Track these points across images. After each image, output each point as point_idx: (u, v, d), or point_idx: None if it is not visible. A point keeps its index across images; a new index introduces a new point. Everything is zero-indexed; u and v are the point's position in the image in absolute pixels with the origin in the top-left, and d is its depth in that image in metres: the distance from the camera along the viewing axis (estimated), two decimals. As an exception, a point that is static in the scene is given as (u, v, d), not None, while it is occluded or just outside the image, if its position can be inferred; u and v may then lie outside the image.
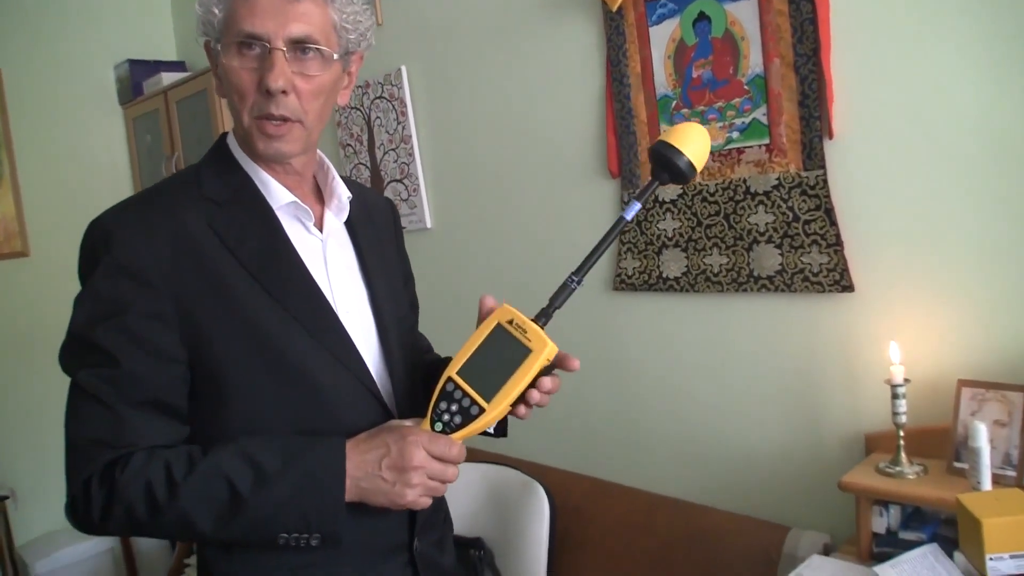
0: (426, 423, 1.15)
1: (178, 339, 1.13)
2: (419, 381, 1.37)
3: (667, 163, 1.17)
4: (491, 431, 1.16)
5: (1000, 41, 1.62)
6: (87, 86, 3.83)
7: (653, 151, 1.19)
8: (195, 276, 1.14)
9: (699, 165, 1.18)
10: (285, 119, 1.18)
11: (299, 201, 1.24)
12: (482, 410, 1.11)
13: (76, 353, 1.13)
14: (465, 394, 1.13)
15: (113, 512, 1.08)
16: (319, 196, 1.33)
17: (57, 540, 3.51)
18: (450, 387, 1.14)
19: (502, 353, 1.12)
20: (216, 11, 1.17)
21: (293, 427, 1.16)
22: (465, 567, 2.25)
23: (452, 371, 1.14)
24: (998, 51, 1.62)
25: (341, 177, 1.34)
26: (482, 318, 1.22)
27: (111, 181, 3.89)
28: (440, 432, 1.13)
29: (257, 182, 1.23)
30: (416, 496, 1.13)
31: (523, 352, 1.11)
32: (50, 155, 3.70)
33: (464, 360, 1.15)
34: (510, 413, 1.13)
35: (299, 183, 1.28)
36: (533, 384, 1.11)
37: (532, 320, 1.14)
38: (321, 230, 1.29)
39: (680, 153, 1.16)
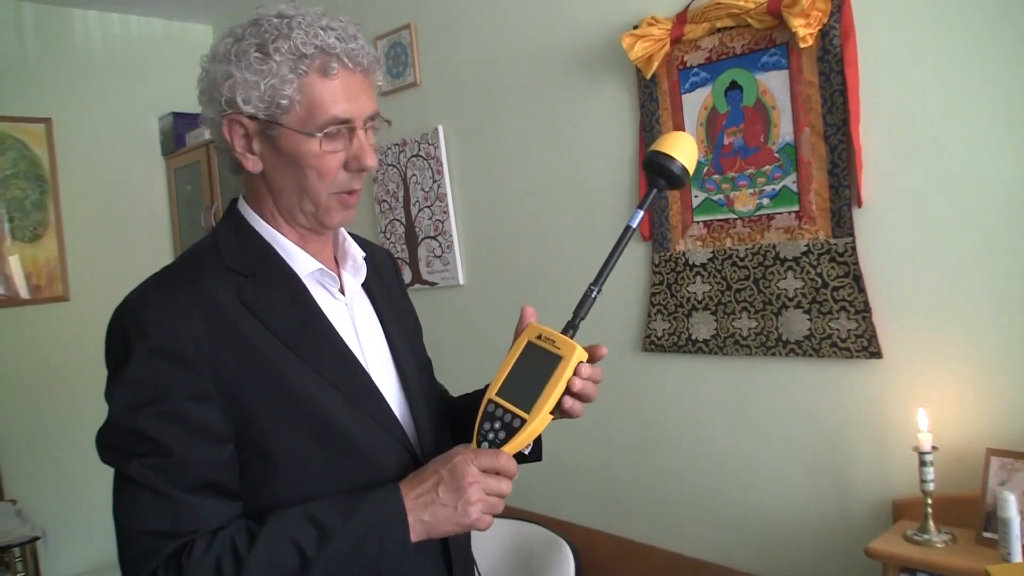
0: (472, 446, 1.16)
1: (223, 417, 1.11)
2: (446, 426, 1.40)
3: (662, 170, 1.21)
4: (526, 452, 1.18)
5: (1027, 116, 1.65)
6: (132, 136, 3.95)
7: (647, 161, 1.23)
8: (233, 351, 1.11)
9: (691, 169, 1.21)
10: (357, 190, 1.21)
11: (325, 268, 1.24)
12: (523, 421, 1.12)
13: (122, 445, 1.09)
14: (506, 411, 1.15)
15: None
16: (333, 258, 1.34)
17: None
18: (491, 408, 1.16)
19: (536, 366, 1.15)
20: (287, 92, 1.13)
21: (341, 491, 1.15)
22: (489, 623, 2.24)
23: (491, 393, 1.16)
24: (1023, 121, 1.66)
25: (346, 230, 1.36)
26: (521, 329, 1.25)
27: (151, 229, 3.99)
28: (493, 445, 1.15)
29: (279, 250, 1.22)
30: (479, 513, 1.12)
31: (555, 360, 1.14)
32: (94, 202, 3.80)
33: (501, 381, 1.17)
34: (563, 415, 1.15)
35: (322, 249, 1.29)
36: (565, 392, 1.13)
37: (560, 333, 1.16)
38: (343, 293, 1.30)
39: (672, 159, 1.19)
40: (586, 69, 2.43)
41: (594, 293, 1.20)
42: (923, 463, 1.68)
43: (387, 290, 1.42)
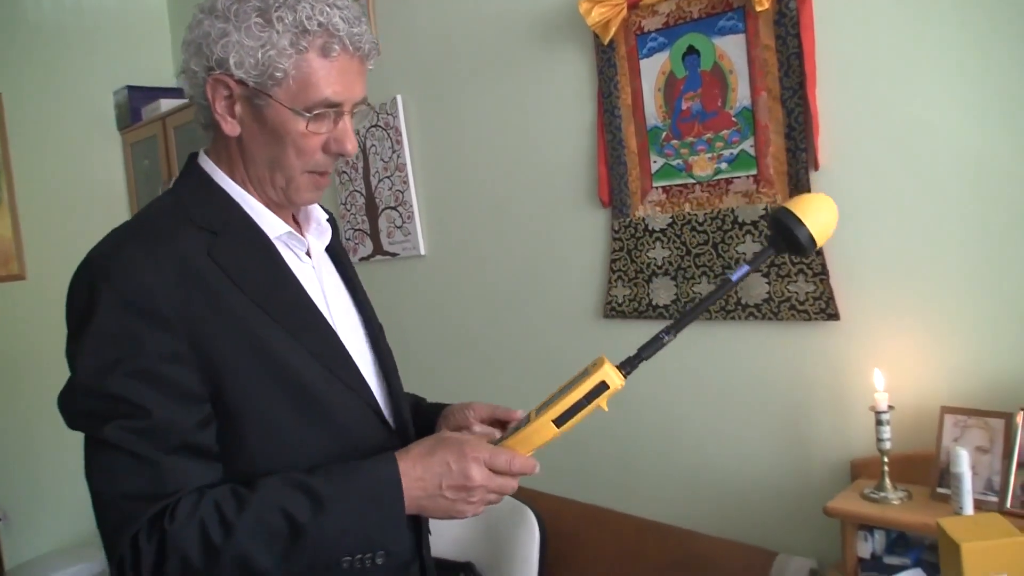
0: (494, 437, 1.17)
1: (198, 378, 1.08)
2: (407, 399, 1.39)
3: (785, 231, 1.12)
4: None
5: (980, 74, 1.67)
6: (86, 111, 3.88)
7: (772, 217, 1.15)
8: (206, 310, 1.08)
9: (820, 240, 1.12)
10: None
11: (293, 231, 1.23)
12: (528, 421, 1.12)
13: (94, 408, 1.05)
14: (527, 417, 1.16)
15: (168, 564, 1.02)
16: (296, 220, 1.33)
17: (49, 563, 3.49)
18: (524, 416, 1.18)
19: (571, 386, 1.13)
20: (283, 65, 1.10)
21: (313, 455, 1.14)
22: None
23: (534, 408, 1.17)
24: (979, 84, 1.67)
25: None
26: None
27: (108, 205, 3.92)
28: (500, 440, 1.15)
29: (248, 210, 1.19)
30: (475, 510, 1.13)
31: (582, 378, 1.12)
32: (48, 179, 3.73)
33: (545, 399, 1.16)
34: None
35: (287, 212, 1.27)
36: (583, 408, 1.11)
37: (617, 365, 1.13)
38: (310, 256, 1.28)
39: (801, 224, 1.10)
40: (545, 36, 2.41)
41: (666, 339, 1.15)
42: (879, 422, 1.70)
43: (345, 253, 1.42)
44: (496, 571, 2.27)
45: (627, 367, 1.13)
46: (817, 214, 1.11)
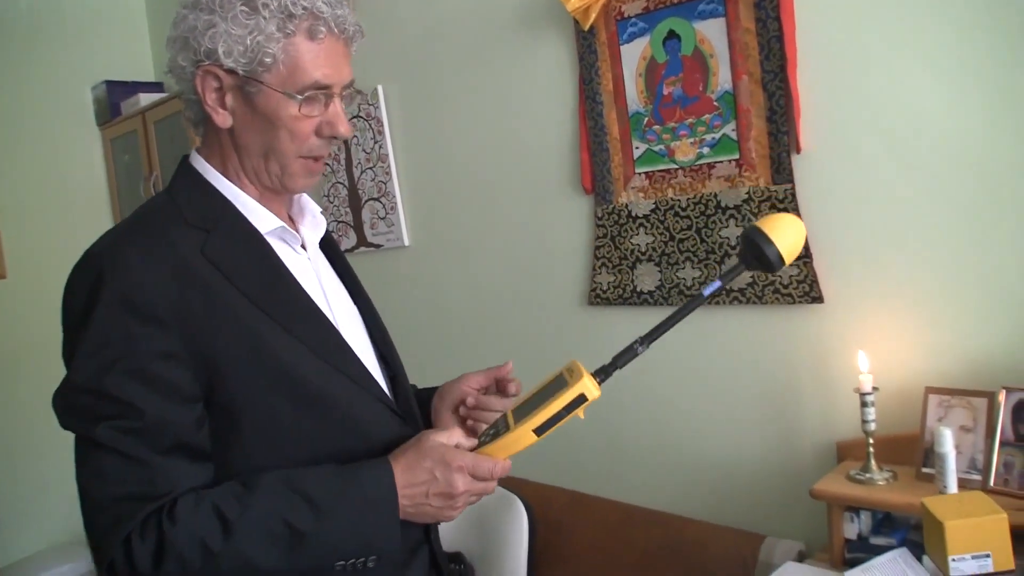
0: (472, 443, 1.18)
1: (193, 376, 1.08)
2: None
3: (755, 249, 1.18)
4: None
5: (962, 56, 1.67)
6: (64, 107, 3.83)
7: (744, 235, 1.20)
8: (201, 309, 1.08)
9: (788, 258, 1.17)
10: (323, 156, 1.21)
11: (286, 225, 1.23)
12: (508, 428, 1.14)
13: (87, 407, 1.05)
14: (505, 419, 1.18)
15: (164, 566, 1.02)
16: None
17: (39, 562, 3.47)
18: (500, 418, 1.20)
19: (549, 393, 1.15)
20: (272, 50, 1.11)
21: (313, 450, 1.15)
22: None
23: (509, 409, 1.20)
24: (960, 66, 1.67)
25: None
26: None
27: (89, 202, 3.88)
28: (478, 444, 1.17)
29: (240, 207, 1.20)
30: (457, 513, 1.15)
31: (562, 387, 1.14)
32: (27, 176, 3.69)
33: (522, 400, 1.20)
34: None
35: (281, 206, 1.27)
36: (563, 418, 1.13)
37: (592, 373, 1.16)
38: (305, 249, 1.28)
39: (770, 242, 1.16)
40: (525, 24, 2.40)
41: (640, 349, 1.19)
42: (864, 404, 1.70)
43: (339, 245, 1.42)
44: (486, 560, 2.27)
45: (601, 375, 1.17)
46: (786, 233, 1.16)
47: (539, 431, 1.12)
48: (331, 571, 1.11)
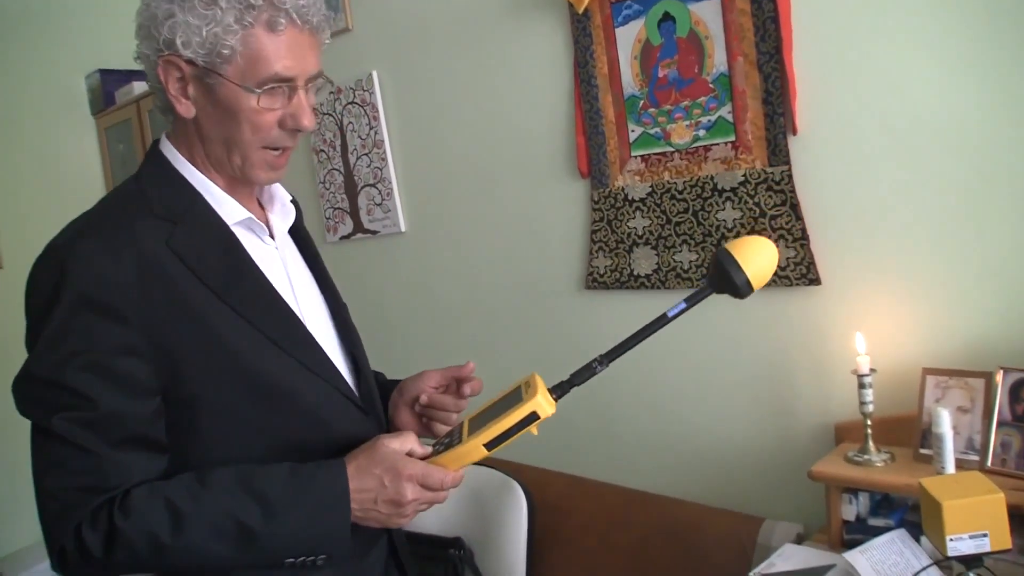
0: (427, 450, 1.19)
1: (152, 370, 1.08)
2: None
3: (723, 274, 1.16)
4: None
5: (957, 37, 1.65)
6: (58, 96, 3.83)
7: (714, 258, 1.17)
8: (163, 302, 1.08)
9: (757, 284, 1.14)
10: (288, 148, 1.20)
11: (254, 217, 1.23)
12: (460, 441, 1.14)
13: (44, 398, 1.06)
14: (460, 430, 1.18)
15: (114, 556, 1.04)
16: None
17: (31, 555, 3.48)
18: (457, 426, 1.20)
19: (504, 406, 1.15)
20: (230, 42, 1.10)
21: (274, 444, 1.16)
22: (445, 567, 2.26)
23: (467, 417, 1.20)
24: (955, 47, 1.66)
25: None
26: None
27: (84, 191, 3.87)
28: (432, 452, 1.17)
29: (208, 197, 1.19)
30: (407, 521, 1.16)
31: (516, 403, 1.13)
32: (22, 166, 3.69)
33: (480, 409, 1.20)
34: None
35: (250, 194, 1.27)
36: (513, 435, 1.13)
37: (549, 389, 1.15)
38: (273, 238, 1.28)
39: (740, 270, 1.14)
40: (519, 7, 2.38)
41: (597, 367, 1.20)
42: (862, 385, 1.70)
43: (308, 233, 1.42)
44: (485, 544, 2.28)
45: (558, 391, 1.17)
46: (756, 259, 1.14)
47: (489, 446, 1.13)
48: (280, 568, 1.12)
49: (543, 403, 1.11)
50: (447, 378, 1.35)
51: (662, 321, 1.19)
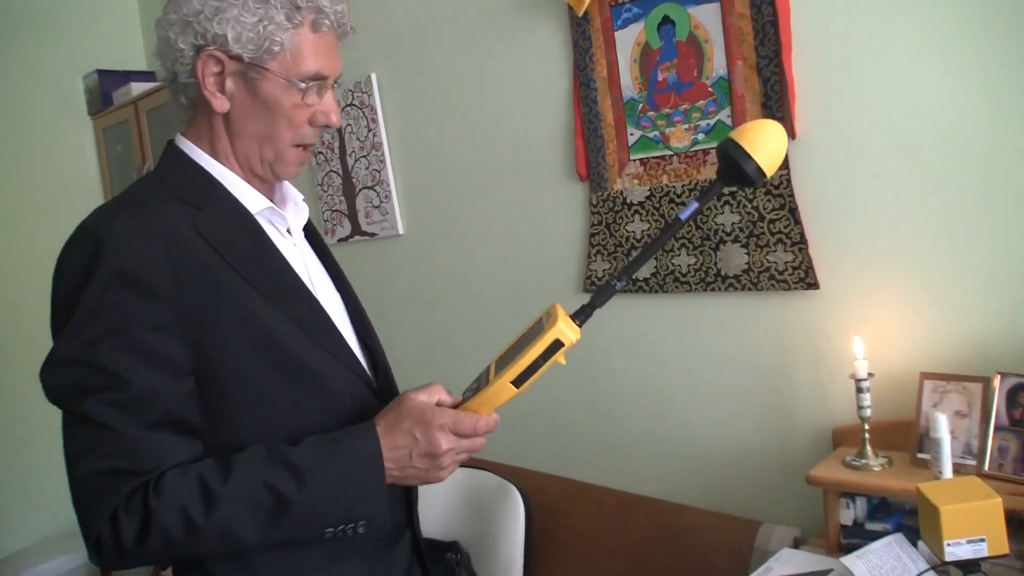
0: (455, 399, 1.17)
1: (184, 348, 1.08)
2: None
3: (732, 165, 1.11)
4: None
5: (958, 41, 1.66)
6: (55, 96, 3.81)
7: (720, 149, 1.13)
8: (193, 283, 1.09)
9: (769, 170, 1.09)
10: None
11: (275, 207, 1.25)
12: (488, 382, 1.12)
13: (75, 381, 1.05)
14: (487, 371, 1.15)
15: (149, 540, 1.02)
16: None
17: (33, 555, 3.47)
18: (484, 369, 1.17)
19: (526, 340, 1.13)
20: (280, 39, 1.14)
21: (300, 427, 1.15)
22: (443, 570, 2.26)
23: (494, 359, 1.17)
24: (956, 51, 1.66)
25: None
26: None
27: (82, 191, 3.86)
28: (463, 402, 1.14)
29: (229, 188, 1.21)
30: (447, 473, 1.14)
31: (538, 333, 1.10)
32: (19, 166, 3.67)
33: (504, 350, 1.18)
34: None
35: (269, 189, 1.29)
36: (540, 367, 1.09)
37: (571, 316, 1.12)
38: (290, 233, 1.30)
39: (748, 158, 1.09)
40: (519, 10, 2.38)
41: (617, 285, 1.14)
42: (859, 390, 1.70)
43: (320, 233, 1.44)
44: (482, 548, 2.27)
45: (580, 317, 1.13)
46: (764, 143, 1.09)
47: (517, 382, 1.09)
48: (320, 541, 1.11)
49: (565, 329, 1.08)
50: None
51: (676, 225, 1.14)
